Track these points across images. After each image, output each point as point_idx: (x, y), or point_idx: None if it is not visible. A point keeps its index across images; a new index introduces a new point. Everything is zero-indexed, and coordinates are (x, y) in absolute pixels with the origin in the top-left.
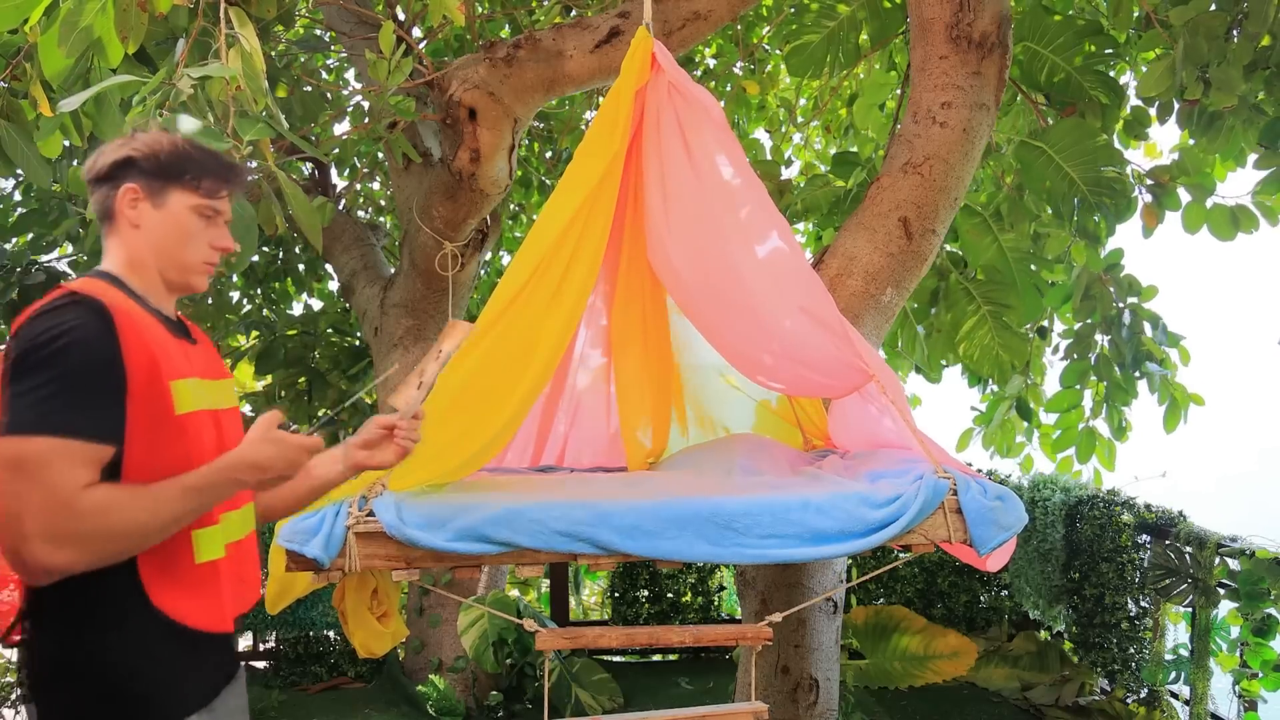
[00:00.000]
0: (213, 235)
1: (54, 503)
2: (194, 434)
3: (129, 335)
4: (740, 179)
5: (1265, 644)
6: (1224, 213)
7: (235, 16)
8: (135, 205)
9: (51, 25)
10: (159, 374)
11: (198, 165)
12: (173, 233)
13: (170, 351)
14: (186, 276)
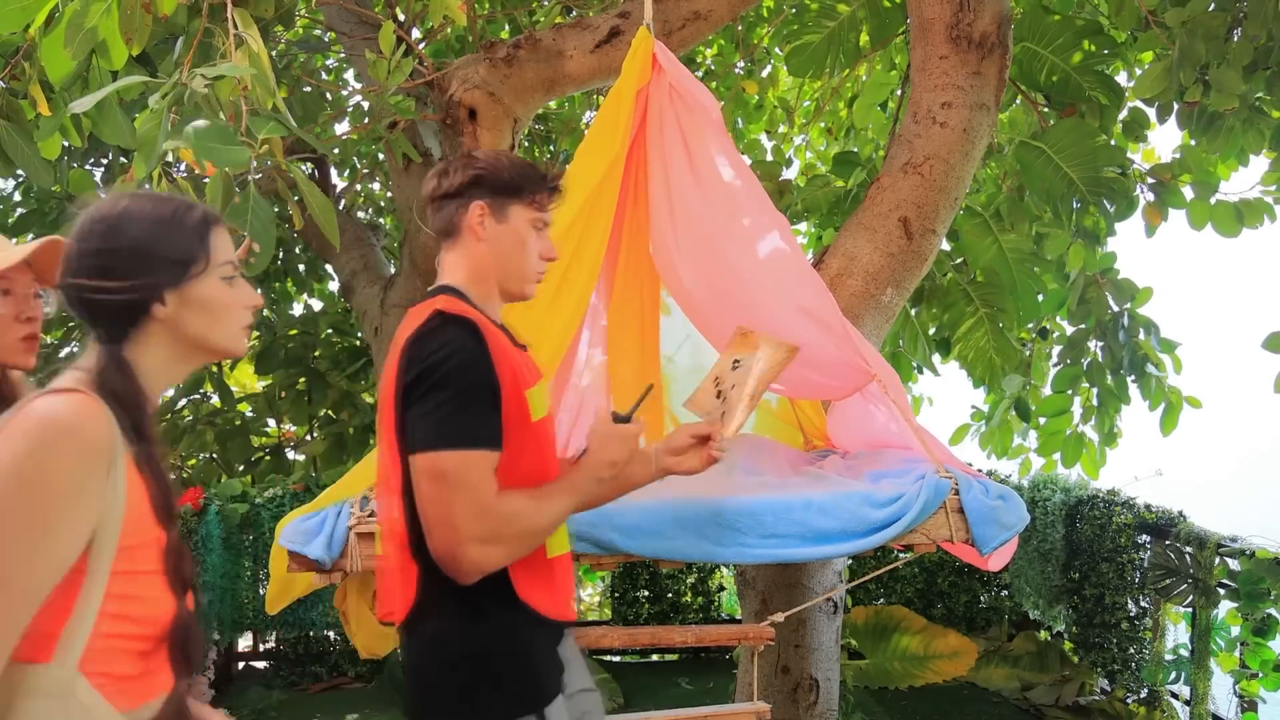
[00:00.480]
0: (542, 246)
1: (478, 508)
2: (545, 439)
3: (496, 350)
4: (740, 180)
5: (1264, 644)
6: (1228, 208)
7: (240, 18)
8: (483, 221)
9: (55, 28)
10: (519, 384)
11: (533, 181)
12: (514, 245)
13: (519, 362)
14: (522, 286)
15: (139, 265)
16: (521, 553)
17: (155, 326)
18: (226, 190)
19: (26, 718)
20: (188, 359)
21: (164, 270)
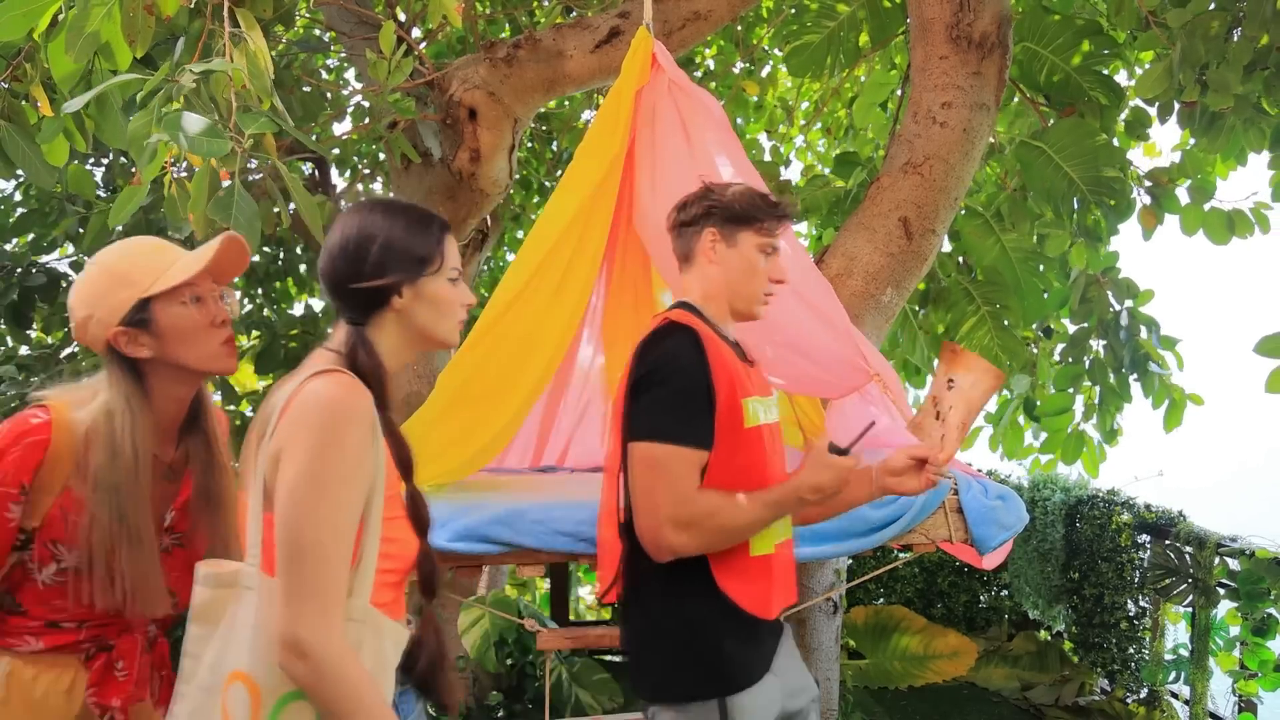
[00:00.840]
0: (770, 268)
1: (678, 496)
2: (757, 446)
3: (715, 358)
4: (742, 178)
5: (1263, 644)
6: (1220, 216)
7: (242, 18)
8: (714, 246)
9: (58, 33)
10: (735, 392)
11: (760, 209)
12: (743, 268)
13: (740, 372)
14: (750, 305)
15: (387, 262)
16: (713, 545)
17: (391, 315)
18: (212, 183)
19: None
20: (412, 346)
21: (406, 267)
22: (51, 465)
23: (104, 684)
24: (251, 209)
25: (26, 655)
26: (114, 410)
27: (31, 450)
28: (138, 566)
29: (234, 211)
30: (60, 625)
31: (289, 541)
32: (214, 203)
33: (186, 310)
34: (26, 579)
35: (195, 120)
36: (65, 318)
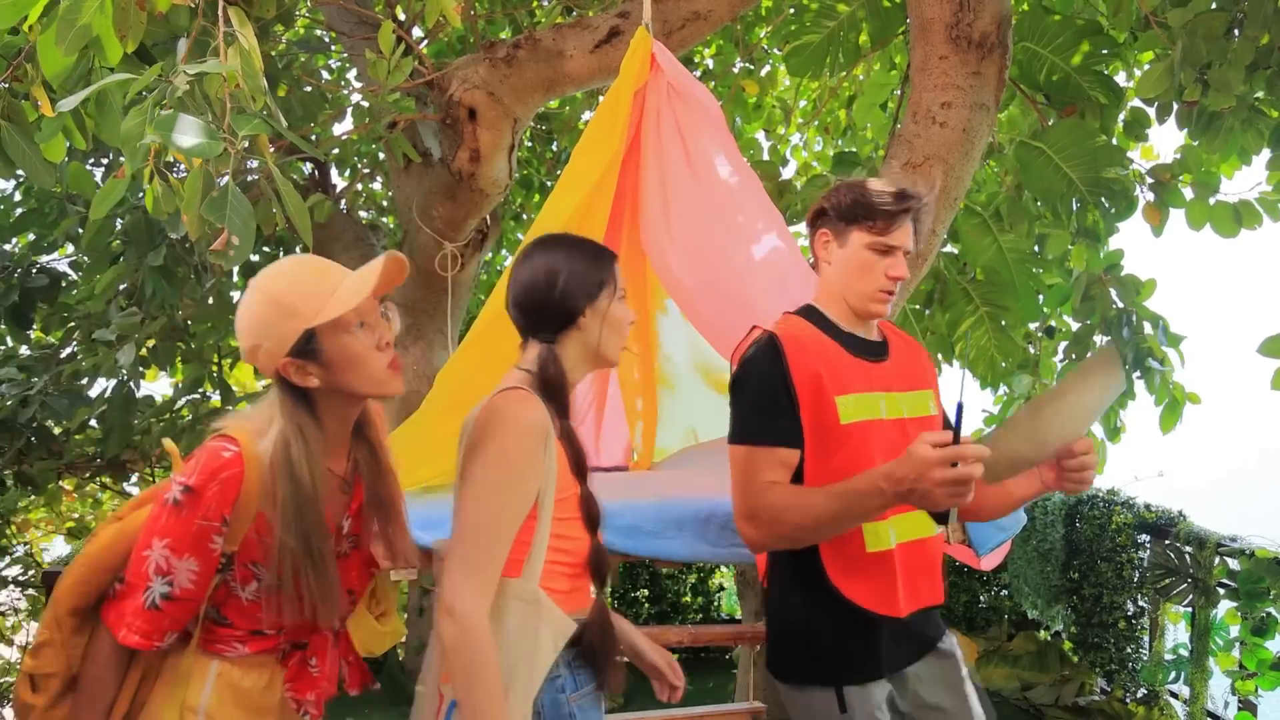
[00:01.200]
0: (888, 265)
1: (750, 492)
2: (858, 442)
3: (797, 360)
4: (739, 178)
5: (1262, 644)
6: (1227, 209)
7: (234, 16)
8: (826, 246)
9: (49, 24)
10: (824, 390)
11: (868, 208)
12: (854, 266)
13: (841, 370)
14: (865, 304)
15: (573, 287)
16: (791, 539)
17: (574, 334)
18: (206, 184)
19: (510, 615)
20: (588, 362)
21: (588, 291)
22: (245, 496)
23: (300, 679)
24: (246, 210)
25: (233, 659)
26: (289, 439)
27: (228, 485)
28: (322, 586)
29: (229, 213)
30: (263, 633)
31: (458, 527)
32: (208, 203)
33: (352, 338)
34: (230, 596)
35: (188, 122)
36: (65, 317)
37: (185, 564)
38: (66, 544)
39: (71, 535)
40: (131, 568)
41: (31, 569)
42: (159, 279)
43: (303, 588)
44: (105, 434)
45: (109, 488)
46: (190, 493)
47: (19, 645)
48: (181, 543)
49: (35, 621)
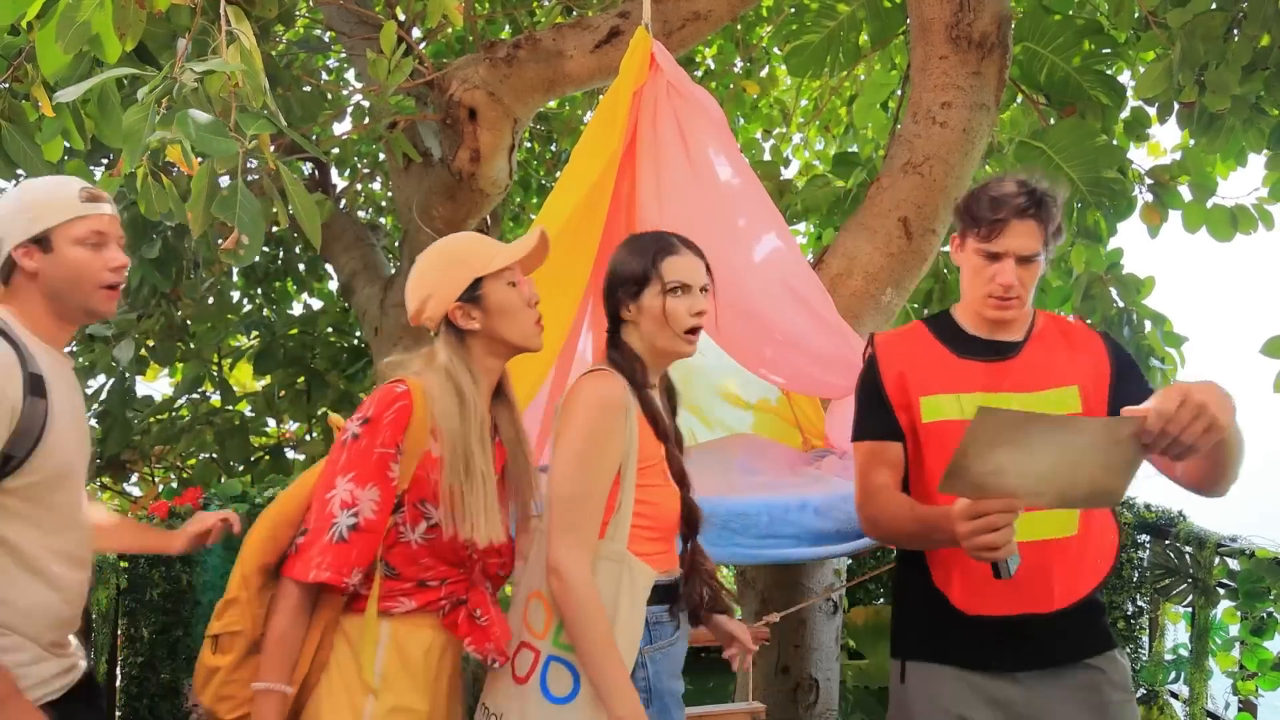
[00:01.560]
0: (995, 271)
1: (861, 489)
2: (940, 442)
3: (885, 362)
4: (739, 179)
5: (1261, 644)
6: (1223, 213)
7: (233, 15)
8: (956, 251)
9: (48, 22)
10: (909, 390)
11: (971, 214)
12: (968, 271)
13: (933, 371)
14: (981, 310)
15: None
16: (884, 537)
17: (630, 327)
18: (212, 183)
19: (599, 574)
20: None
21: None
22: (414, 428)
23: (474, 633)
24: (256, 208)
25: (400, 616)
26: (453, 371)
27: (401, 414)
28: (486, 503)
29: (238, 211)
30: (427, 584)
31: (555, 495)
32: (219, 202)
33: (510, 290)
34: (398, 542)
35: (204, 119)
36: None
37: (368, 493)
38: None
39: None
40: (314, 513)
41: None
42: (151, 269)
43: (468, 508)
44: (104, 433)
45: (109, 488)
46: (367, 423)
47: None
48: (364, 472)
49: None
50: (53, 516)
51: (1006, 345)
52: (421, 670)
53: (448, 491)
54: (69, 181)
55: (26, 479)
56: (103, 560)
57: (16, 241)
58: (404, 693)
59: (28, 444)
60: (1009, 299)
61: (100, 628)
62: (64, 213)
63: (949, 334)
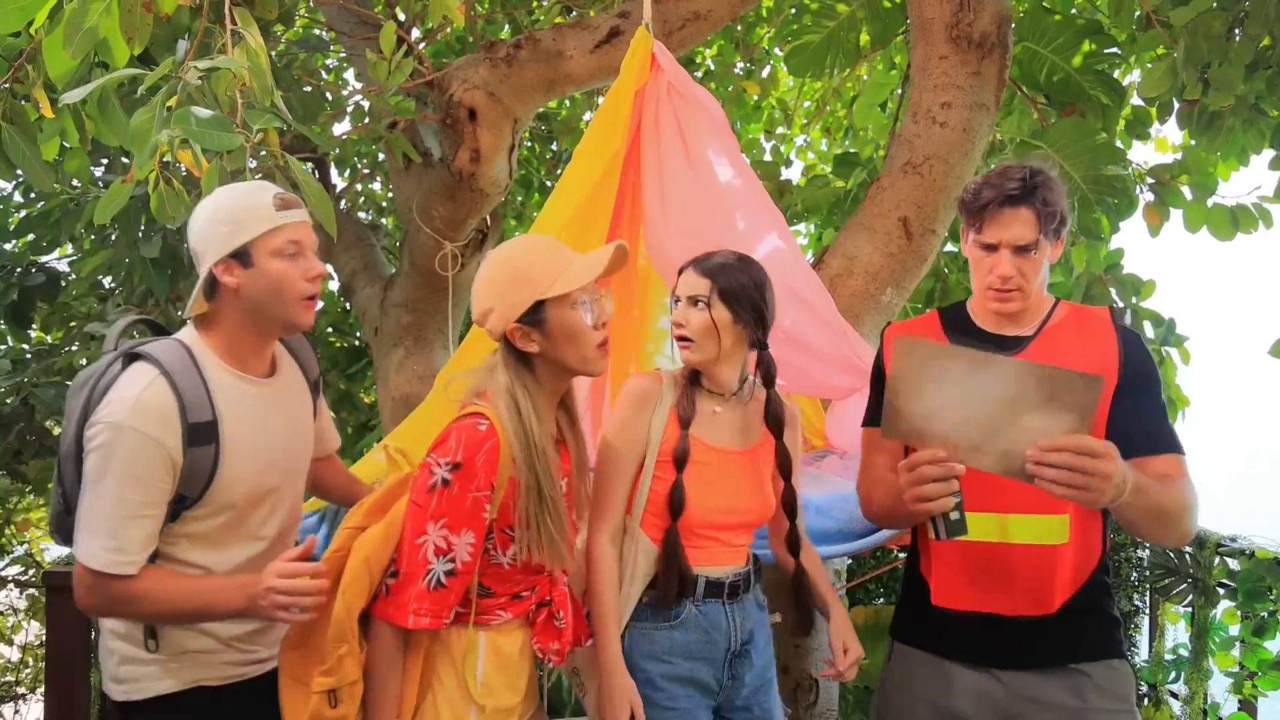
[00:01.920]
0: (991, 263)
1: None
2: None
3: (889, 352)
4: (739, 179)
5: (1261, 644)
6: (1224, 212)
7: (239, 16)
8: (965, 244)
9: (55, 27)
10: None
11: (964, 206)
12: (971, 264)
13: None
14: (984, 302)
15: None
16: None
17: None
18: (222, 181)
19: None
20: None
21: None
22: (503, 464)
23: (545, 632)
24: None
25: (497, 626)
26: (517, 397)
27: (491, 454)
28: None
29: None
30: (519, 595)
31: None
32: None
33: (575, 314)
34: (490, 565)
35: (206, 114)
36: (65, 316)
37: (463, 539)
38: None
39: None
40: (406, 557)
41: (31, 569)
42: (149, 270)
43: (543, 533)
44: None
45: None
46: (459, 469)
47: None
48: (458, 519)
49: (35, 621)
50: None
51: (1011, 340)
52: (515, 667)
53: (523, 517)
54: (263, 189)
55: (204, 511)
56: None
57: (217, 257)
58: (501, 693)
59: (198, 487)
60: (1007, 291)
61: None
62: (261, 224)
63: (957, 326)
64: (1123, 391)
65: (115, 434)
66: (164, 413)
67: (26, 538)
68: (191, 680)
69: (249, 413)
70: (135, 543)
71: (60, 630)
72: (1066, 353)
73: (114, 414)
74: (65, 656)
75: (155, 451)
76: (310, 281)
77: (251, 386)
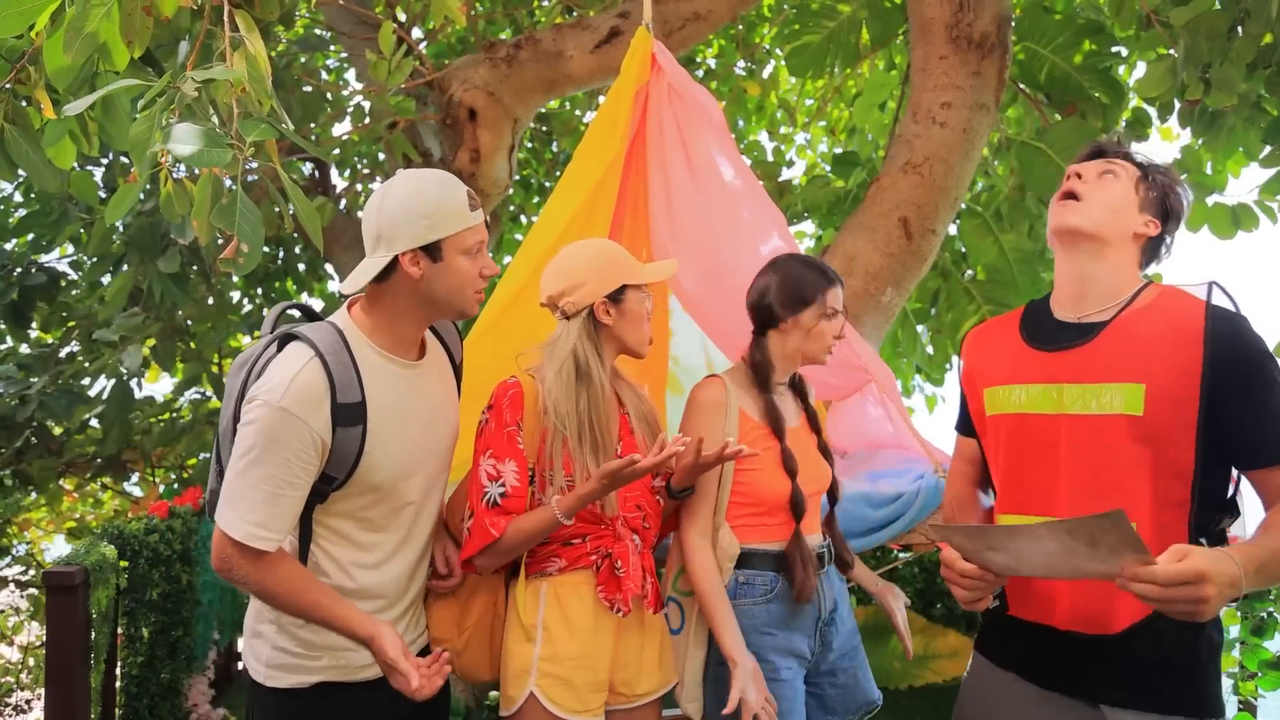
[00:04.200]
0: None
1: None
2: (998, 435)
3: (967, 352)
4: (740, 179)
5: (1261, 644)
6: (1224, 211)
7: (240, 20)
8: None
9: (57, 30)
10: (976, 381)
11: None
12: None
13: (1001, 361)
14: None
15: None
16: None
17: (777, 335)
18: (215, 191)
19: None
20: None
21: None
22: (529, 410)
23: (609, 582)
24: (256, 216)
25: (557, 575)
26: (582, 352)
27: (515, 398)
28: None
29: (237, 220)
30: (571, 542)
31: None
32: (217, 211)
33: (642, 302)
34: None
35: (191, 132)
36: (65, 317)
37: (508, 466)
38: (67, 544)
39: (72, 535)
40: (472, 496)
41: (32, 569)
42: (169, 284)
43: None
44: (105, 433)
45: (109, 487)
46: (491, 409)
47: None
48: (500, 450)
49: (35, 622)
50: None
51: (1086, 327)
52: (581, 624)
53: (578, 462)
54: (456, 185)
55: (351, 491)
56: (102, 560)
57: (407, 247)
58: (562, 641)
59: (345, 468)
60: (1069, 195)
61: (100, 628)
62: (458, 223)
63: (1034, 318)
64: (1217, 394)
65: (268, 412)
66: (315, 394)
67: (27, 538)
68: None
69: (396, 396)
70: (277, 520)
71: (60, 630)
72: (1139, 344)
73: (269, 393)
74: (65, 656)
75: (304, 432)
76: (484, 277)
77: (400, 369)
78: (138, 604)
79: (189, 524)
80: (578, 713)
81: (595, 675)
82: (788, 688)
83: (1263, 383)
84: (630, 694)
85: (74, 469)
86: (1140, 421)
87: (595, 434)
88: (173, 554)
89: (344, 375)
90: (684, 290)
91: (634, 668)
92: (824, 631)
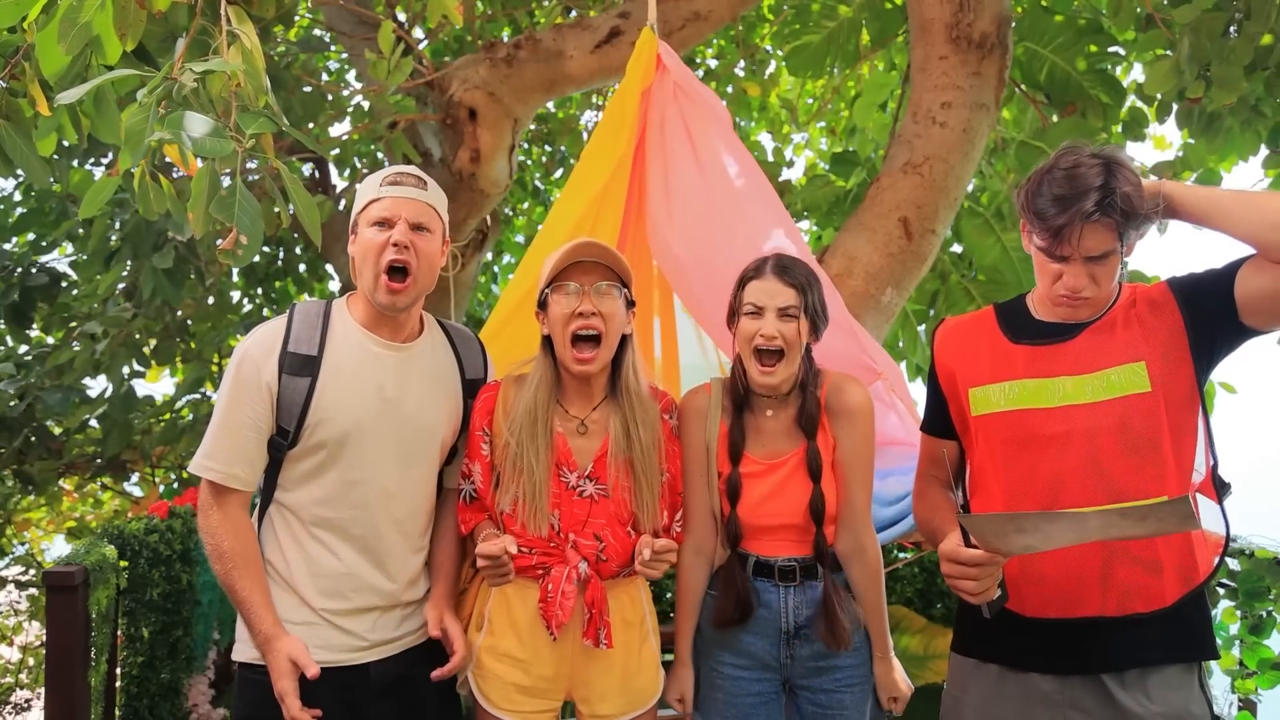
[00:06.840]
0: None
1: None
2: (991, 434)
3: (940, 351)
4: (746, 178)
5: (1260, 643)
6: None
7: (235, 15)
8: (1026, 239)
9: (50, 22)
10: (957, 381)
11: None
12: (1034, 262)
13: (984, 360)
14: (1050, 304)
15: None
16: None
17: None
18: (212, 183)
19: None
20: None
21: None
22: (497, 415)
23: (546, 601)
24: (255, 209)
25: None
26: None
27: (486, 403)
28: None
29: (236, 211)
30: (524, 550)
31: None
32: (217, 202)
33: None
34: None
35: (199, 120)
36: (65, 317)
37: (475, 467)
38: (67, 544)
39: (71, 535)
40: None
41: (31, 569)
42: (162, 279)
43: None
44: (105, 434)
45: (109, 488)
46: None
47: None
48: (470, 450)
49: (36, 621)
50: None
51: (1069, 326)
52: (526, 627)
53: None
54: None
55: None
56: (102, 560)
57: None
58: (504, 635)
59: (293, 420)
60: (1078, 300)
61: (100, 628)
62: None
63: (1012, 317)
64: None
65: (234, 356)
66: (270, 339)
67: (27, 538)
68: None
69: (358, 362)
70: (224, 452)
71: (60, 630)
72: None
73: (242, 342)
74: (65, 656)
75: (255, 373)
76: (396, 246)
77: (375, 346)
78: (138, 604)
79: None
80: (500, 709)
81: (529, 680)
82: (734, 684)
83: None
84: (591, 714)
85: (73, 469)
86: (1149, 396)
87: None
88: (173, 554)
89: (305, 330)
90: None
91: (591, 688)
92: (791, 643)
